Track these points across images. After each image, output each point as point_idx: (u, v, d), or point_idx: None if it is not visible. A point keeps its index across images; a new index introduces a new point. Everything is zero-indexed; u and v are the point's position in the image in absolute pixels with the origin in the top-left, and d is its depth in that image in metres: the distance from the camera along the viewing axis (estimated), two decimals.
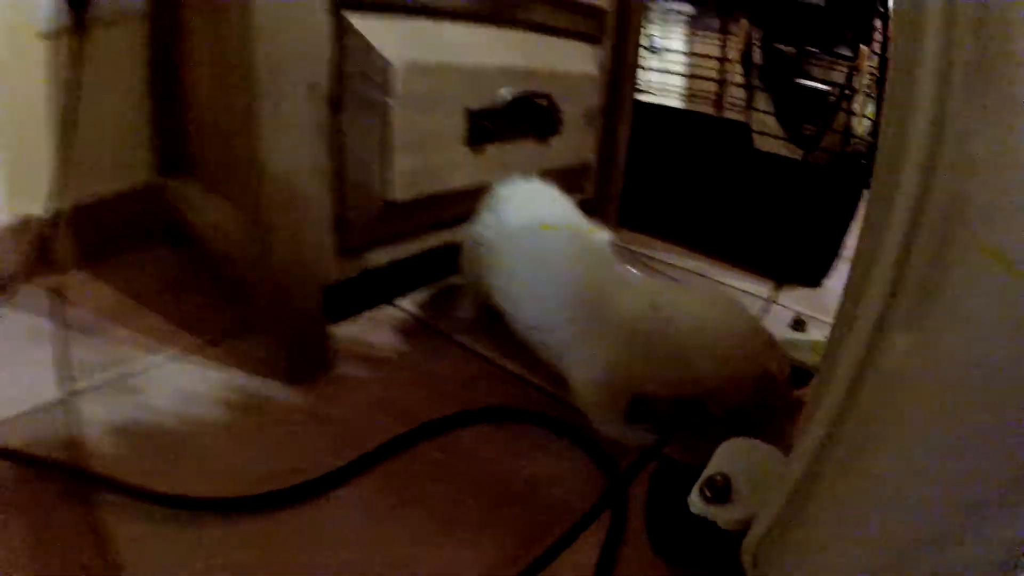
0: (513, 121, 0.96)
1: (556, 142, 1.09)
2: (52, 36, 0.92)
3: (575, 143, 1.16)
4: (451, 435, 0.70)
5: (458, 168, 0.90)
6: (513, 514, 0.60)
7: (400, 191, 0.82)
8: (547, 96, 1.01)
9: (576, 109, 1.12)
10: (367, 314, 0.93)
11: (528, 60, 0.97)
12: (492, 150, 0.94)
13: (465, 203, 0.90)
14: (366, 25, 0.73)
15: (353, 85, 0.74)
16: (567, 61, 1.08)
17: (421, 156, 0.83)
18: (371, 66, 0.74)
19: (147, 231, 1.09)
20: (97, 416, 0.67)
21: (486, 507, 0.60)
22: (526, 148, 1.02)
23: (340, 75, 0.72)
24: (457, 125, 0.87)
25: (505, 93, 0.92)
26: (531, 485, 0.64)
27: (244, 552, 0.53)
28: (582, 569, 0.55)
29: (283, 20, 0.64)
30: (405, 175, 0.82)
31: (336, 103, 0.73)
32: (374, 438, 0.66)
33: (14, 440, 0.61)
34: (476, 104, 0.88)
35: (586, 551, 0.56)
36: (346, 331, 0.87)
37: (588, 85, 1.16)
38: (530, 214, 0.83)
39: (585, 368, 0.73)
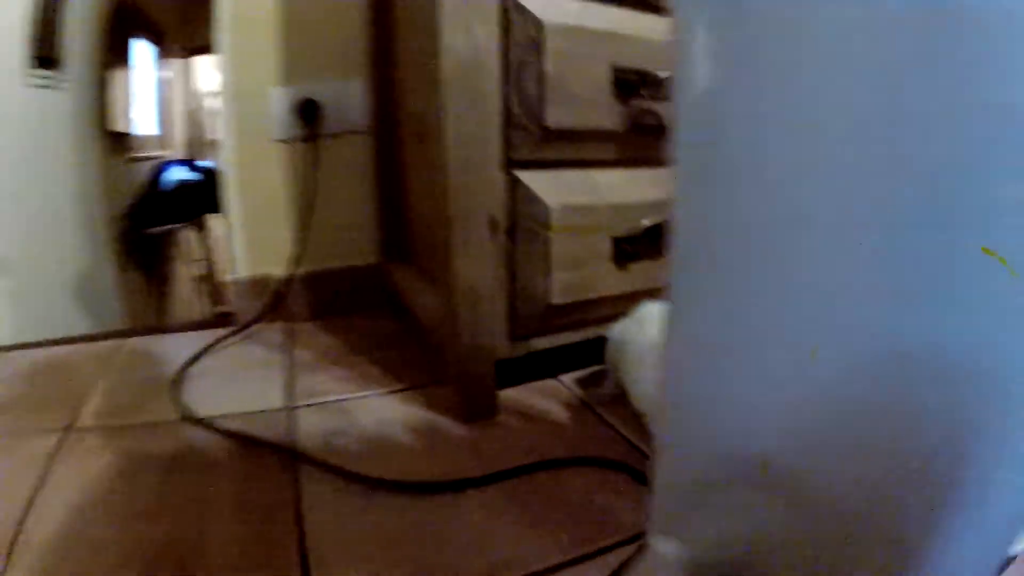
0: (652, 243, 1.22)
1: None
2: (288, 142, 1.40)
3: None
4: (568, 471, 0.95)
5: (604, 281, 1.19)
6: (601, 538, 0.82)
7: (557, 297, 1.14)
8: None
9: None
10: (531, 384, 1.24)
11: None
12: (635, 267, 1.21)
13: (613, 306, 1.18)
14: (530, 177, 1.08)
15: (522, 221, 1.08)
16: None
17: (576, 272, 1.14)
18: (534, 208, 1.08)
19: (371, 301, 1.53)
20: (310, 423, 1.06)
21: (575, 526, 0.84)
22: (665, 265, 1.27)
23: (513, 214, 1.07)
24: (604, 248, 1.17)
25: (645, 222, 1.19)
26: (615, 517, 0.86)
27: (398, 518, 0.84)
28: None
29: (470, 173, 1.01)
30: (562, 284, 1.13)
31: (511, 233, 1.08)
32: (509, 464, 0.95)
33: (240, 428, 1.01)
34: (620, 232, 1.18)
35: None
36: (512, 394, 1.19)
37: None
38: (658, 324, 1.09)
39: None
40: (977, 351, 0.34)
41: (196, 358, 1.27)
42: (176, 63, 3.80)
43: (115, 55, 2.55)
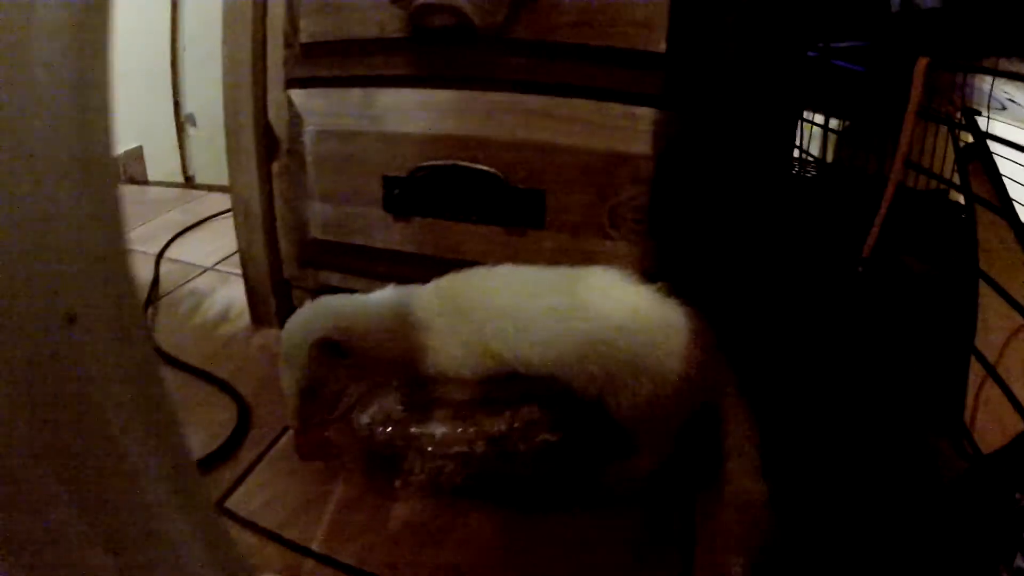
0: (432, 195, 0.89)
1: (542, 239, 0.87)
2: None
3: (576, 246, 0.87)
4: None
5: (375, 228, 0.97)
6: None
7: (317, 230, 1.02)
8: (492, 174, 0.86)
9: (583, 200, 0.84)
10: None
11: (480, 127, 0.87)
12: (420, 223, 0.93)
13: (394, 265, 0.97)
14: (303, 96, 0.98)
15: (294, 144, 1.00)
16: (566, 132, 0.83)
17: (339, 208, 0.98)
18: (298, 129, 0.98)
19: None
20: None
21: None
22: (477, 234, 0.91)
23: (291, 135, 1.00)
24: (373, 188, 0.94)
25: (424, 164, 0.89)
26: None
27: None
28: None
29: (239, 90, 1.00)
30: (322, 219, 1.00)
31: (293, 155, 1.01)
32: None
33: None
34: (393, 170, 0.92)
35: None
36: None
37: (617, 170, 0.82)
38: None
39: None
40: None
41: None
42: None
43: None
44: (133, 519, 0.31)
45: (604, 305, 0.74)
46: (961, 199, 0.96)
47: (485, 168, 0.87)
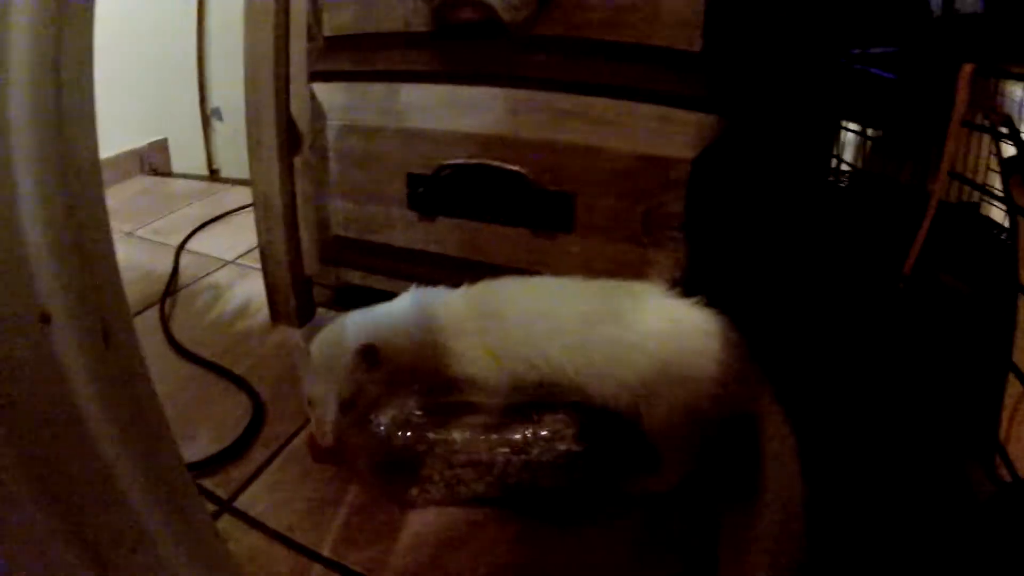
0: (459, 194, 0.87)
1: (570, 243, 0.85)
2: None
3: (606, 252, 0.84)
4: None
5: (397, 227, 0.96)
6: None
7: (340, 228, 1.00)
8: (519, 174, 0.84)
9: (614, 204, 0.82)
10: None
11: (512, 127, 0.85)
12: (445, 223, 0.91)
13: (418, 265, 0.95)
14: (325, 90, 0.96)
15: (317, 138, 0.99)
16: (598, 133, 0.81)
17: (361, 206, 0.97)
18: (320, 123, 0.97)
19: None
20: None
21: None
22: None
23: (314, 129, 0.99)
24: (396, 186, 0.92)
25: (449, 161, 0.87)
26: None
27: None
28: None
29: (258, 83, 0.99)
30: (344, 215, 0.99)
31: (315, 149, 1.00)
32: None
33: None
34: (417, 168, 0.90)
35: None
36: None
37: (651, 174, 0.79)
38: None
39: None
40: None
41: None
42: None
43: None
44: (110, 520, 0.31)
45: (638, 313, 0.72)
46: (992, 213, 0.93)
47: (513, 168, 0.84)
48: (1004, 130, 0.74)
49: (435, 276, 0.82)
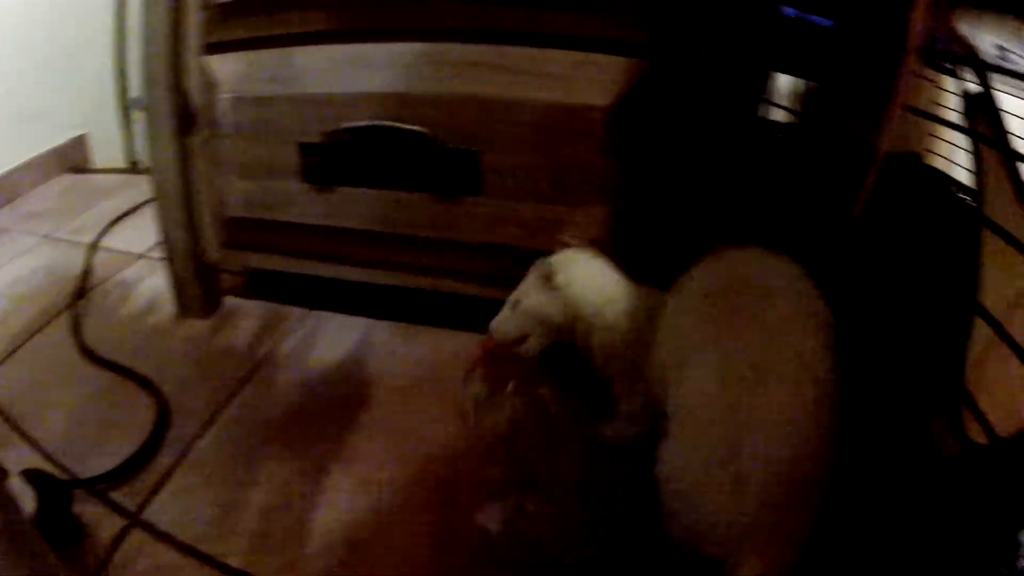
0: (358, 159, 0.80)
1: (479, 206, 0.78)
2: None
3: (517, 214, 0.77)
4: None
5: (295, 202, 0.88)
6: None
7: (237, 208, 0.93)
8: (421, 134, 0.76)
9: (526, 161, 0.75)
10: (267, 303, 1.03)
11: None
12: (345, 193, 0.83)
13: (321, 242, 0.88)
14: (218, 63, 0.88)
15: (213, 115, 0.90)
16: (508, 84, 0.74)
17: (257, 182, 0.89)
18: (213, 98, 0.89)
19: None
20: None
21: None
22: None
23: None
24: (290, 158, 0.85)
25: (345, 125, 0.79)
26: None
27: None
28: None
29: (153, 62, 0.90)
30: (241, 195, 0.91)
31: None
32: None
33: None
34: (311, 136, 0.83)
35: None
36: (244, 304, 1.03)
37: (564, 125, 0.73)
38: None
39: None
40: None
41: None
42: None
43: None
44: None
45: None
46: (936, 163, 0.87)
47: (411, 127, 0.77)
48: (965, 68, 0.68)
49: (338, 253, 0.75)
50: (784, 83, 0.97)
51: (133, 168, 1.76)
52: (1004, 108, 0.65)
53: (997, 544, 0.47)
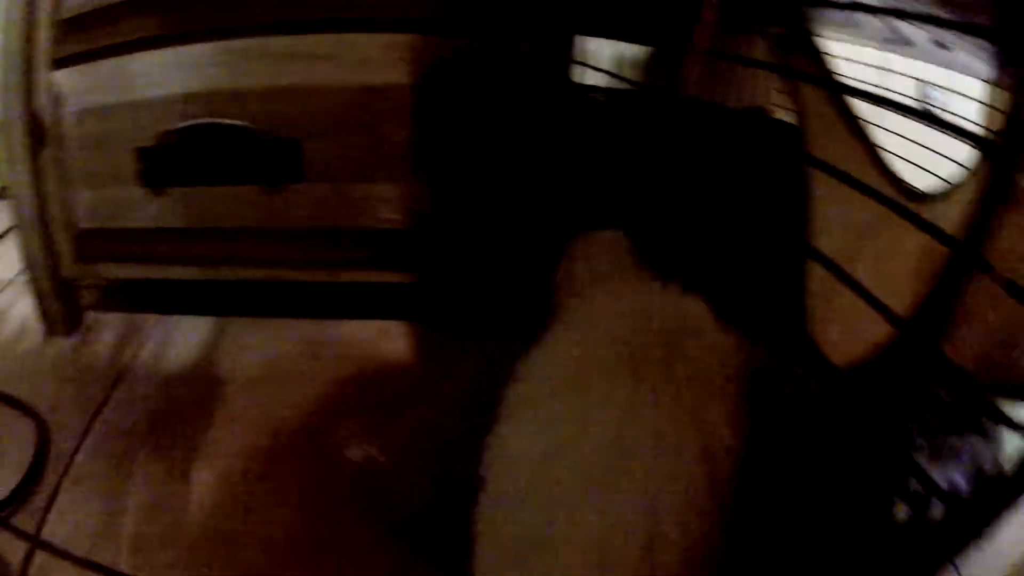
0: (193, 157, 0.82)
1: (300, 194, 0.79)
2: None
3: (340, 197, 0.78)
4: None
5: (135, 208, 0.89)
6: None
7: (85, 220, 0.92)
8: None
9: (342, 143, 0.76)
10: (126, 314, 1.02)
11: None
12: (180, 194, 0.84)
13: (167, 246, 0.88)
14: (64, 77, 0.89)
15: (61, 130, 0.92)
16: (320, 72, 0.76)
17: (100, 192, 0.90)
18: (60, 114, 0.90)
19: None
20: None
21: None
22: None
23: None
24: (129, 164, 0.86)
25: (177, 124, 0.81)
26: None
27: None
28: None
29: (9, 77, 0.92)
30: (88, 207, 0.91)
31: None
32: None
33: None
34: (148, 140, 0.84)
35: None
36: (105, 318, 1.02)
37: (371, 105, 0.74)
38: None
39: None
40: None
41: None
42: None
43: None
44: None
45: None
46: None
47: (233, 122, 0.79)
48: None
49: (173, 253, 0.76)
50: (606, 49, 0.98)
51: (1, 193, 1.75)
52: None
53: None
